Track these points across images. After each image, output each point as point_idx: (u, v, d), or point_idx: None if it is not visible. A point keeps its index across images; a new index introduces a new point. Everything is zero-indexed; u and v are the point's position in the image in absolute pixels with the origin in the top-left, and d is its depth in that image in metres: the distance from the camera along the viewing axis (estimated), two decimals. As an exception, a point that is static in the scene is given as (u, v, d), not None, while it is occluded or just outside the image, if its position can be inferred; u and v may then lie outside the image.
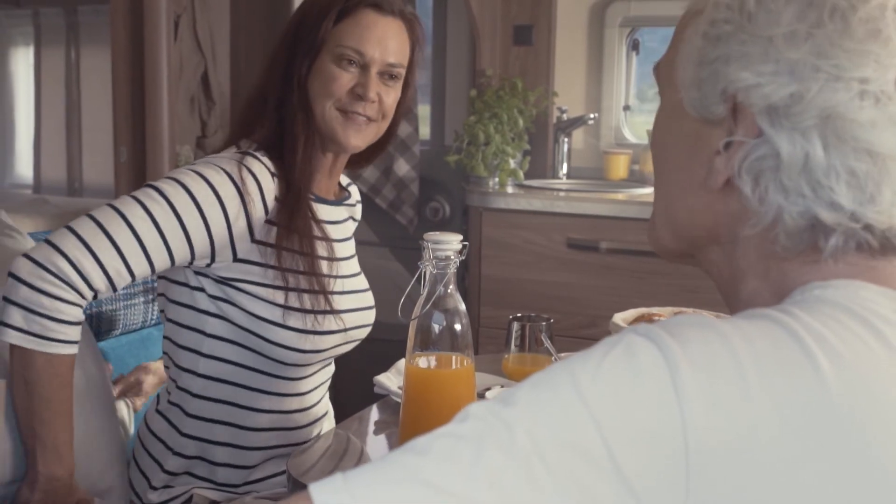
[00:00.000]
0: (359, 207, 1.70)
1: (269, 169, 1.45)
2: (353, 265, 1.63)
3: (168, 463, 1.52)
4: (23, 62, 4.34)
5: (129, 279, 1.35)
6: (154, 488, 1.52)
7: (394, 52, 1.49)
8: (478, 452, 0.58)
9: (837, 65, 0.67)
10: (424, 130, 3.35)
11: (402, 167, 3.21)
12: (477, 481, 0.57)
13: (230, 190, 1.40)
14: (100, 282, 1.32)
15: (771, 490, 0.58)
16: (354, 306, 1.56)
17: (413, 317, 1.24)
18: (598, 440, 0.58)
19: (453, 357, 1.24)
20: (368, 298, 1.63)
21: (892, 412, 0.60)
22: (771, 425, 0.58)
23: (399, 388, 1.44)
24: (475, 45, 3.17)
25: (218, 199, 1.39)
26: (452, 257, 1.22)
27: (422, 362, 1.24)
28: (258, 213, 1.42)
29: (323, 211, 1.55)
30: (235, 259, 1.42)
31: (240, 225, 1.40)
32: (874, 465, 0.59)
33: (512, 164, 2.99)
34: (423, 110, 3.35)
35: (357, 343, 1.60)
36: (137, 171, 2.85)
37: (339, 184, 1.64)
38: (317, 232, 1.50)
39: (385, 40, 1.48)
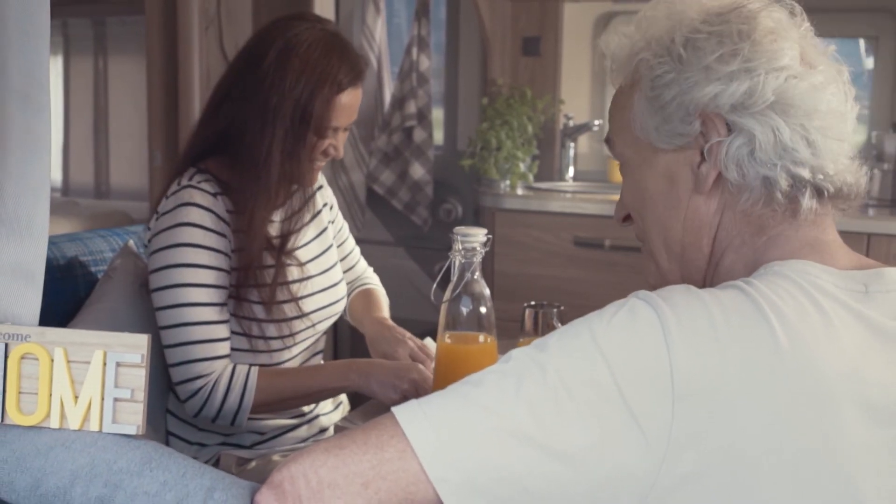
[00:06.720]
0: (325, 190, 1.81)
1: (217, 209, 1.58)
2: (316, 248, 1.74)
3: (194, 437, 1.70)
4: (52, 70, 4.39)
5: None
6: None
7: (357, 111, 1.63)
8: (518, 385, 0.76)
9: (762, 63, 0.87)
10: (438, 136, 3.46)
11: (417, 171, 3.34)
12: (518, 406, 0.75)
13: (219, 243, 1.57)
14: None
15: (734, 415, 0.76)
16: (317, 289, 1.70)
17: (444, 300, 1.41)
18: (609, 378, 0.76)
19: (479, 335, 1.41)
20: (335, 276, 1.75)
21: (821, 361, 0.79)
22: (735, 366, 0.77)
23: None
24: (486, 56, 3.27)
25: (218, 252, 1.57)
26: (479, 248, 1.38)
27: (452, 340, 1.41)
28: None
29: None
30: None
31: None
32: (809, 397, 0.78)
33: (522, 167, 3.09)
34: (437, 117, 3.44)
35: (332, 320, 1.74)
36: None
37: None
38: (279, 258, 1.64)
39: (354, 108, 1.62)
